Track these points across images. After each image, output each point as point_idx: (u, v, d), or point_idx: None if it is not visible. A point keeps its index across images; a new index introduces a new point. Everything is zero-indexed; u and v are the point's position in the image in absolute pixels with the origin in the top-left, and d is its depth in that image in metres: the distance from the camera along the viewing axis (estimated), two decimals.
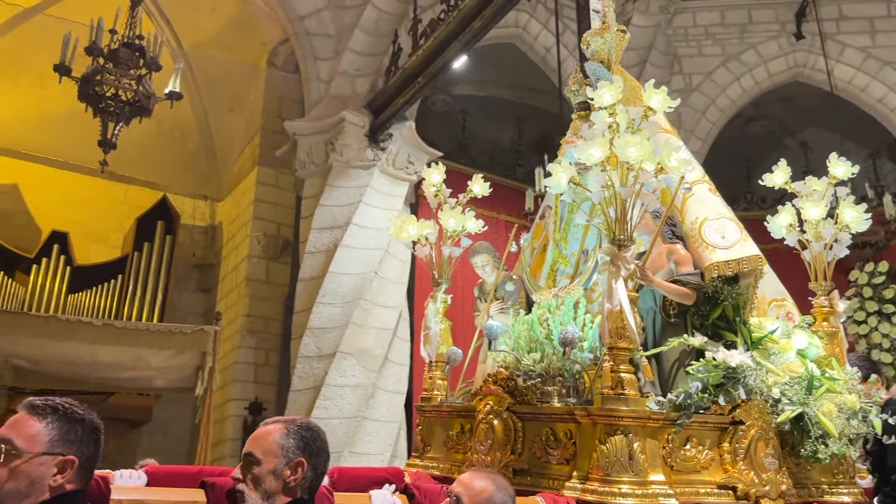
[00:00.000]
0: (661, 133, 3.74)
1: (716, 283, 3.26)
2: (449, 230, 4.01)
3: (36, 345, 6.89)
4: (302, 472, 1.96)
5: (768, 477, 2.73)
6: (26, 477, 1.70)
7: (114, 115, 6.91)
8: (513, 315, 3.98)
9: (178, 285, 11.11)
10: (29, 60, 10.19)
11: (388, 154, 8.61)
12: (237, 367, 9.54)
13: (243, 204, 10.42)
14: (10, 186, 10.58)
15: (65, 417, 1.80)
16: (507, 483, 2.45)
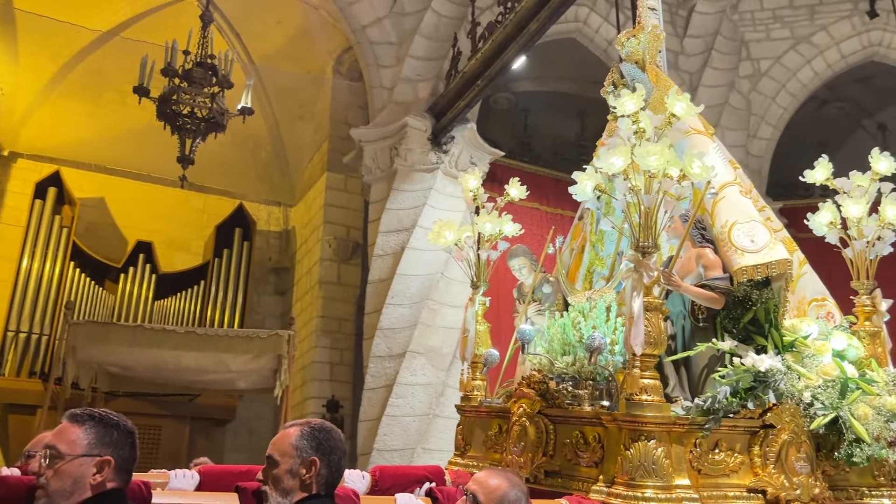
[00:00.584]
0: (693, 135, 3.75)
1: (745, 288, 3.26)
2: (486, 234, 4.10)
3: (126, 352, 7.43)
4: (315, 469, 2.13)
5: (799, 481, 2.75)
6: (69, 477, 1.94)
7: (190, 132, 7.36)
8: (548, 317, 4.04)
9: (257, 288, 11.63)
10: (111, 80, 10.85)
11: (451, 156, 8.83)
12: (314, 366, 9.94)
13: (314, 209, 10.82)
14: (97, 200, 11.30)
15: (101, 423, 2.04)
16: (520, 481, 2.57)
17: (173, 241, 11.56)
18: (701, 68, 10.52)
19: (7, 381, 9.55)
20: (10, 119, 10.79)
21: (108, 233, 11.23)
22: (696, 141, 3.73)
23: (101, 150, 11.17)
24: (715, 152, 3.69)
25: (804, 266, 3.68)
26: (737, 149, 10.44)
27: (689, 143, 3.71)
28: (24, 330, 9.69)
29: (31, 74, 10.59)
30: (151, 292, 10.56)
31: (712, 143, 3.78)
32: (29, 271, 9.90)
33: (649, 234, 2.84)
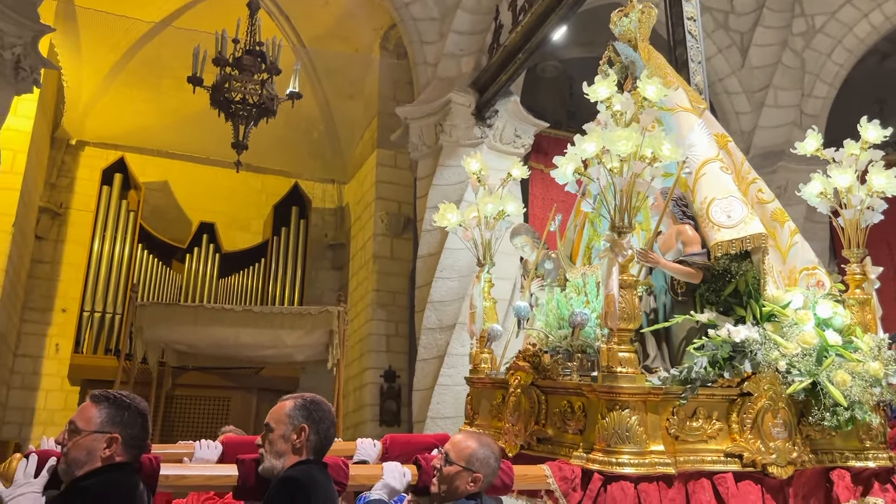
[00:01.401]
0: (679, 112, 3.84)
1: (724, 261, 3.37)
2: (488, 215, 4.25)
3: (188, 331, 8.00)
4: (305, 435, 2.46)
5: (776, 445, 2.88)
6: (84, 449, 2.28)
7: (243, 119, 7.72)
8: (548, 292, 4.20)
9: (314, 265, 12.10)
10: (167, 67, 11.33)
11: (495, 130, 8.98)
12: (371, 338, 10.35)
13: (366, 185, 11.16)
14: (160, 184, 11.89)
15: (115, 405, 2.36)
16: (492, 442, 2.84)
17: (234, 221, 12.09)
18: (752, 27, 10.33)
19: (85, 358, 10.26)
20: (76, 110, 11.41)
21: (173, 215, 11.83)
22: (682, 118, 3.82)
23: (163, 136, 11.71)
24: (700, 129, 3.78)
25: (795, 236, 3.75)
26: (790, 109, 10.30)
27: (676, 120, 3.83)
28: (98, 310, 10.37)
29: (92, 66, 11.15)
30: (216, 271, 11.14)
31: (698, 119, 3.86)
32: (100, 254, 10.55)
33: (624, 215, 2.98)
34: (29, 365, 10.79)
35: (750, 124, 10.43)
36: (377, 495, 2.70)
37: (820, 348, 3.07)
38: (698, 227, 3.51)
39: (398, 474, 2.78)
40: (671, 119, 3.85)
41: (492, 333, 4.20)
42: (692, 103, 3.97)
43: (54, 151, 11.39)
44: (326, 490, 2.44)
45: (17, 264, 9.98)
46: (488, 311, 4.31)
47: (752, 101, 10.41)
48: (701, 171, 3.59)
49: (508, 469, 2.90)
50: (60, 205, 11.32)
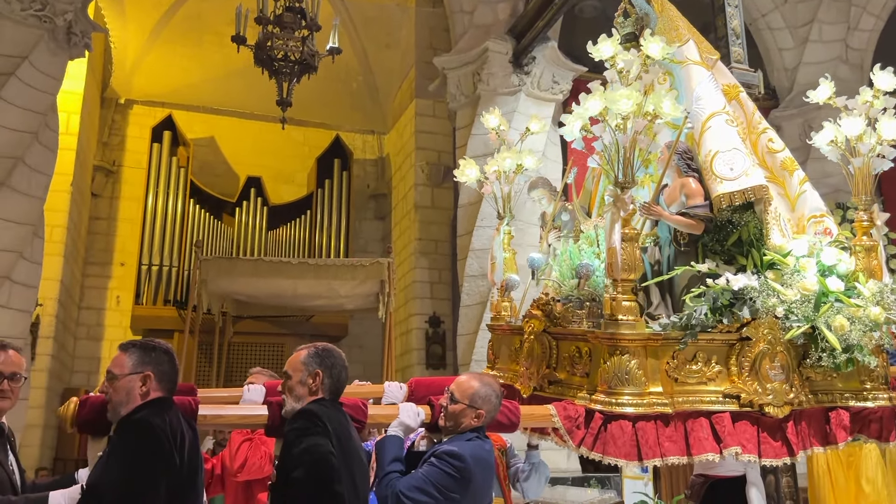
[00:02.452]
0: (689, 65, 3.89)
1: (726, 213, 3.48)
2: (506, 170, 4.41)
3: (249, 283, 8.55)
4: (319, 379, 2.77)
5: (772, 387, 3.05)
6: (123, 391, 2.59)
7: (286, 76, 7.99)
8: (563, 243, 4.37)
9: (358, 215, 12.48)
10: (209, 23, 11.61)
11: (533, 77, 9.08)
12: (415, 285, 10.73)
13: (406, 135, 11.39)
14: (208, 140, 12.31)
15: (141, 348, 2.68)
16: (493, 381, 3.11)
17: (280, 174, 12.49)
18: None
19: (146, 309, 10.90)
20: (123, 69, 11.82)
21: (221, 170, 12.28)
22: (691, 71, 3.88)
23: (207, 92, 12.06)
24: (708, 82, 3.84)
25: (804, 184, 3.83)
26: (835, 43, 10.16)
27: (685, 73, 3.90)
28: (155, 263, 10.94)
29: (136, 26, 11.49)
30: (265, 223, 11.63)
31: (707, 72, 3.91)
32: (154, 210, 11.09)
33: (627, 170, 3.12)
34: (93, 317, 11.47)
35: (794, 60, 10.34)
36: (394, 432, 2.99)
37: (819, 294, 3.21)
38: (703, 179, 3.62)
39: (413, 413, 3.04)
40: (680, 72, 3.93)
41: (510, 283, 4.36)
42: (703, 55, 4.01)
43: (104, 111, 11.85)
44: (339, 421, 2.72)
45: (76, 221, 10.54)
46: (508, 261, 4.47)
47: (795, 36, 10.29)
48: (707, 124, 3.67)
49: (515, 409, 3.16)
50: (113, 162, 11.84)
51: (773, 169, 3.85)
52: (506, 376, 4.04)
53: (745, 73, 5.67)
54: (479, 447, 2.93)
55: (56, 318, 9.71)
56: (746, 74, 5.69)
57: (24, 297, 7.32)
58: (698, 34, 4.20)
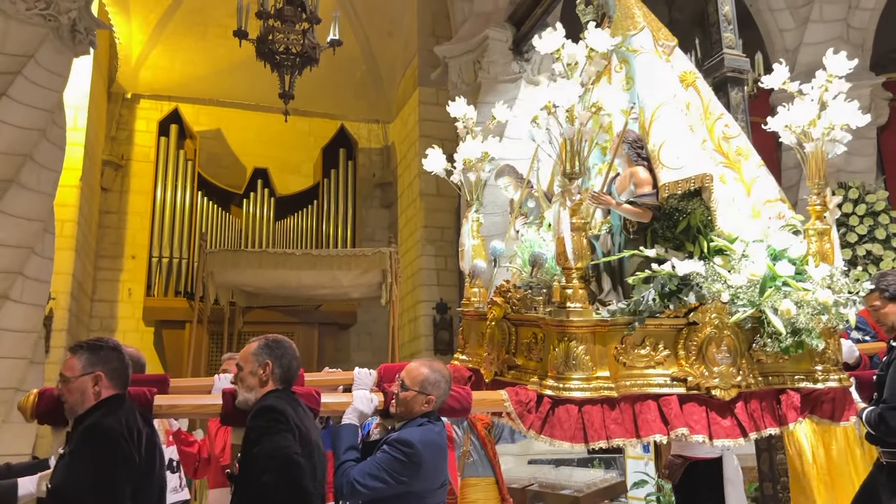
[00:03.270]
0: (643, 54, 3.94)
1: (673, 201, 3.56)
2: (472, 158, 4.47)
3: (254, 274, 8.77)
4: (269, 369, 2.90)
5: (719, 370, 3.16)
6: (77, 392, 2.70)
7: (288, 69, 8.10)
8: (527, 229, 4.42)
9: (364, 203, 12.63)
10: (211, 15, 11.76)
11: (533, 64, 9.17)
12: (422, 272, 10.88)
13: (410, 124, 11.49)
14: (214, 132, 12.46)
15: (89, 349, 2.79)
16: (442, 367, 3.22)
17: (286, 165, 12.65)
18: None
19: (157, 300, 11.10)
20: (128, 64, 11.98)
21: (228, 162, 12.44)
22: (644, 60, 3.93)
23: (212, 85, 12.22)
24: (661, 70, 3.89)
25: (760, 168, 3.88)
26: (836, 23, 10.14)
27: (639, 62, 3.95)
28: (165, 255, 11.13)
29: (140, 20, 11.67)
30: (272, 214, 11.82)
31: (661, 60, 3.95)
32: (163, 203, 11.28)
33: (574, 161, 3.19)
34: (106, 309, 11.70)
35: (794, 41, 10.32)
36: (348, 419, 3.11)
37: (766, 279, 3.28)
38: (652, 168, 3.66)
39: (366, 400, 3.15)
40: (634, 60, 3.98)
41: (476, 270, 4.43)
42: (660, 42, 4.05)
43: (111, 106, 12.03)
44: (297, 412, 2.84)
45: (87, 215, 10.73)
46: (476, 248, 4.53)
47: (796, 17, 10.27)
48: (656, 114, 3.72)
49: (467, 394, 3.28)
50: (122, 157, 12.02)
51: (728, 154, 3.89)
52: (474, 361, 4.15)
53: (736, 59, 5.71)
54: (429, 431, 3.05)
55: (69, 311, 9.91)
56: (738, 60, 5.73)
57: (37, 291, 7.51)
58: (656, 20, 4.23)
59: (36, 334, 7.46)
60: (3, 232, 7.03)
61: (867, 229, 9.44)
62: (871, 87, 9.85)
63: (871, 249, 9.40)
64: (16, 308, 7.15)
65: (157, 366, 11.37)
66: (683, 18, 11.94)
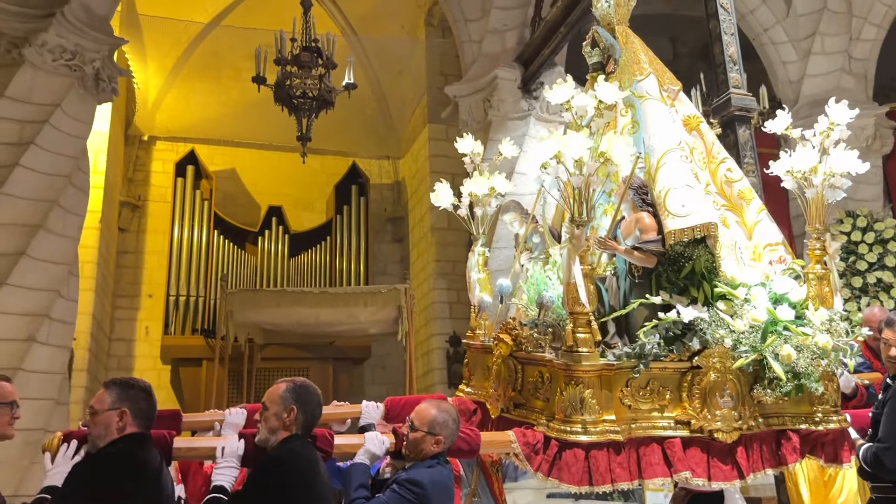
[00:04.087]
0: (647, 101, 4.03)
1: (678, 247, 3.62)
2: (479, 194, 4.60)
3: (273, 312, 9.04)
4: (294, 415, 2.98)
5: (721, 414, 3.24)
6: (102, 425, 2.84)
7: (305, 112, 8.37)
8: (534, 266, 4.50)
9: (376, 238, 12.88)
10: (225, 59, 12.16)
11: (541, 101, 9.42)
12: (435, 306, 11.05)
13: (420, 160, 11.76)
14: (229, 171, 12.77)
15: (120, 386, 2.94)
16: (450, 407, 3.29)
17: (299, 202, 12.93)
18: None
19: (175, 339, 11.32)
20: (145, 107, 12.33)
21: (243, 200, 12.74)
22: (649, 107, 4.02)
23: (227, 125, 12.54)
24: (666, 116, 3.99)
25: (761, 213, 3.99)
26: (838, 55, 10.40)
27: (644, 108, 4.06)
28: (182, 293, 11.35)
29: (156, 65, 12.03)
30: (286, 250, 12.07)
31: (666, 107, 4.04)
32: (180, 242, 11.55)
33: (581, 208, 3.29)
34: (123, 348, 11.91)
35: (798, 73, 10.58)
36: (360, 459, 3.19)
37: (767, 324, 3.37)
38: (657, 214, 3.73)
39: (378, 442, 3.23)
40: (641, 106, 4.07)
41: (482, 304, 4.55)
42: (665, 87, 4.16)
43: (129, 148, 12.36)
44: (309, 458, 2.95)
45: (105, 256, 10.99)
46: (482, 282, 4.64)
47: (798, 49, 10.54)
48: (661, 160, 3.81)
49: (476, 435, 3.35)
50: (138, 197, 12.31)
51: (731, 198, 4.00)
52: (479, 394, 4.21)
53: (743, 98, 5.96)
54: (438, 472, 3.12)
55: (89, 350, 10.13)
56: (745, 99, 5.97)
57: (63, 333, 7.73)
58: (661, 65, 4.32)
59: (61, 375, 7.66)
60: (32, 276, 7.27)
61: (877, 257, 9.60)
62: (874, 116, 10.07)
63: (882, 277, 9.55)
64: (42, 350, 7.36)
65: (175, 403, 11.53)
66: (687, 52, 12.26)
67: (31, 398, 7.11)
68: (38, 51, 7.57)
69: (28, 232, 7.33)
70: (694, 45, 12.06)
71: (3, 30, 7.49)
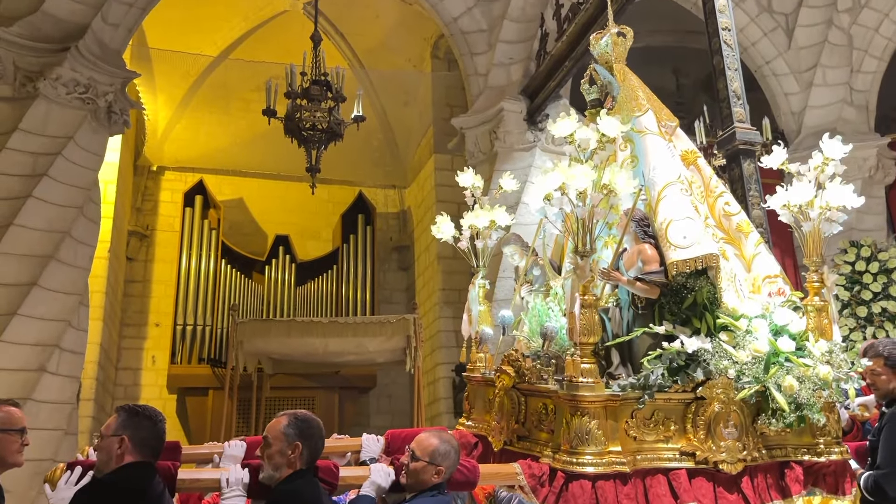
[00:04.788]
0: (647, 136, 4.12)
1: (681, 278, 3.67)
2: (480, 227, 4.67)
3: (282, 342, 9.09)
4: (299, 451, 2.93)
5: (726, 445, 3.27)
6: (104, 451, 2.81)
7: (314, 144, 8.50)
8: (534, 298, 4.56)
9: (382, 266, 12.96)
10: (234, 90, 12.35)
11: (546, 133, 9.55)
12: (441, 335, 11.09)
13: (426, 189, 11.87)
14: (237, 201, 12.88)
15: (127, 413, 2.89)
16: (451, 438, 3.25)
17: (305, 231, 13.04)
18: (796, 8, 10.60)
19: (181, 368, 11.37)
20: (155, 138, 12.50)
21: (250, 229, 12.84)
22: (648, 142, 4.11)
23: (235, 156, 12.70)
24: (665, 151, 4.08)
25: (759, 245, 4.05)
26: (839, 87, 10.53)
27: (643, 143, 4.14)
28: (190, 323, 11.41)
29: (166, 96, 12.21)
30: (293, 279, 12.14)
31: (664, 141, 4.14)
32: (188, 271, 11.63)
33: (585, 240, 3.34)
34: (130, 377, 11.95)
35: (800, 105, 10.71)
36: (366, 491, 3.14)
37: (769, 355, 3.41)
38: (658, 245, 3.79)
39: (384, 474, 3.19)
40: (640, 141, 4.16)
41: (483, 336, 4.55)
42: (663, 123, 4.26)
43: (137, 178, 12.50)
44: (314, 493, 2.94)
45: (113, 285, 11.08)
46: (483, 314, 4.68)
47: (800, 81, 10.68)
48: (662, 193, 3.87)
49: (474, 468, 3.31)
50: (147, 227, 12.42)
51: (729, 231, 4.08)
52: (480, 427, 4.21)
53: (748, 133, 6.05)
54: (440, 503, 3.10)
55: (96, 380, 10.18)
56: (749, 133, 6.05)
57: (72, 363, 7.79)
58: (658, 102, 4.43)
59: (71, 405, 7.70)
60: (43, 306, 7.35)
61: (881, 286, 9.63)
62: (876, 147, 10.18)
63: (887, 307, 9.58)
64: (52, 380, 7.41)
65: (181, 433, 11.55)
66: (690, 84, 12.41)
67: (40, 428, 7.15)
68: (52, 84, 7.73)
69: (40, 263, 7.42)
70: (696, 77, 12.21)
71: (18, 64, 7.66)
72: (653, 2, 10.76)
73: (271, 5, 11.72)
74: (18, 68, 7.66)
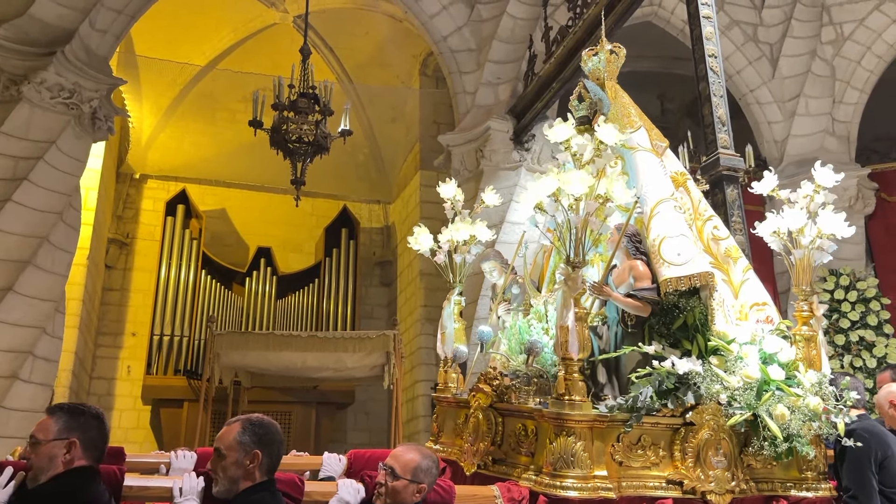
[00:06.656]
0: (639, 152, 4.07)
1: (673, 297, 3.57)
2: (459, 241, 4.52)
3: (260, 356, 9.02)
4: (258, 460, 2.62)
5: (715, 474, 3.14)
6: (45, 457, 2.51)
7: (300, 156, 8.47)
8: (513, 317, 4.42)
9: (364, 281, 12.90)
10: (220, 100, 12.29)
11: (533, 153, 9.62)
12: (421, 351, 11.04)
13: (411, 205, 11.86)
14: (219, 211, 12.80)
15: (68, 412, 2.62)
16: (431, 453, 2.99)
17: (288, 244, 12.95)
18: (781, 38, 10.75)
19: (157, 378, 11.22)
20: (139, 146, 12.41)
21: (232, 241, 12.74)
22: (640, 158, 4.05)
23: (219, 166, 12.63)
24: (658, 168, 4.03)
25: (748, 272, 3.98)
26: (822, 117, 10.68)
27: (635, 159, 4.08)
28: (167, 333, 11.27)
29: (152, 104, 12.13)
30: (274, 292, 12.02)
31: (657, 159, 4.09)
32: (167, 281, 11.50)
33: (578, 249, 3.19)
34: (104, 386, 11.77)
35: (782, 133, 10.83)
36: None
37: (761, 383, 3.31)
38: (650, 262, 3.70)
39: (353, 490, 2.95)
40: (631, 157, 4.09)
41: (457, 355, 4.38)
42: (653, 142, 4.23)
43: (119, 186, 12.39)
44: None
45: (91, 293, 10.93)
46: (458, 332, 4.48)
47: (783, 110, 10.81)
48: (655, 209, 3.80)
49: (450, 488, 3.12)
50: (127, 235, 12.30)
51: (717, 256, 4.01)
52: (450, 451, 4.03)
53: (731, 159, 6.10)
54: None
55: (69, 388, 10.00)
56: (733, 160, 6.10)
57: (46, 371, 7.67)
58: (649, 122, 4.41)
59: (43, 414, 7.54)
60: (18, 312, 7.24)
61: (859, 315, 9.74)
62: (857, 177, 10.31)
63: (864, 335, 9.68)
64: (25, 388, 7.28)
65: (154, 444, 11.39)
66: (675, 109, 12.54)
67: (9, 437, 7.01)
68: (36, 88, 7.66)
69: (17, 267, 7.31)
70: (681, 102, 12.34)
71: (3, 67, 7.58)
72: (639, 27, 10.91)
73: (261, 18, 11.70)
74: (3, 71, 7.58)
